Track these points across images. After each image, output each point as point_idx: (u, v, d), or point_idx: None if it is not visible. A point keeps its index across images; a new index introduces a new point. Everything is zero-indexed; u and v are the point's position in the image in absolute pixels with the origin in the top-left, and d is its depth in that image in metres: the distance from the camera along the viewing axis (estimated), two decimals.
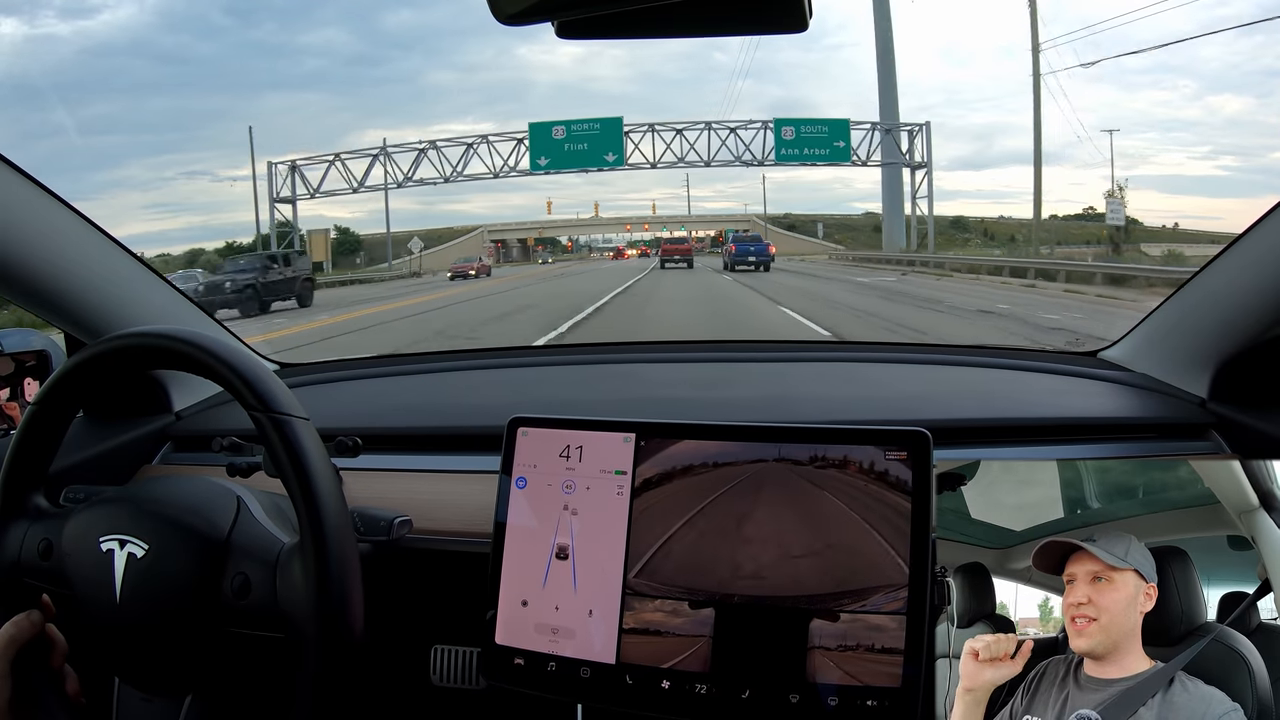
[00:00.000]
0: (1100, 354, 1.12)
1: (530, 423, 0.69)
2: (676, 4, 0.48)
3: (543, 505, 0.66)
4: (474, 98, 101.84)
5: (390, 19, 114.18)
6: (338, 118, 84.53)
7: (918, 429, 0.59)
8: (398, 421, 1.08)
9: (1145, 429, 0.92)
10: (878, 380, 1.17)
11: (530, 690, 0.64)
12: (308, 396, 0.76)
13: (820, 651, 0.57)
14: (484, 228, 48.69)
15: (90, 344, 0.71)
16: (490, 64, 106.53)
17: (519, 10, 0.47)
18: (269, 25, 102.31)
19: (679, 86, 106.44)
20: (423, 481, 0.93)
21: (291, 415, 0.66)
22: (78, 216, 0.92)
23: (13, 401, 1.06)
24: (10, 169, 0.83)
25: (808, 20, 0.48)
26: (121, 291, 1.00)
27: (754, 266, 20.29)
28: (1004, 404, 1.03)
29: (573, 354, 1.48)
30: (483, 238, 47.79)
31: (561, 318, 9.42)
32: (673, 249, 25.62)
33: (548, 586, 0.65)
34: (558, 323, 8.92)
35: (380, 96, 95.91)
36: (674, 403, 1.08)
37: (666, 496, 0.64)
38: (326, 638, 0.64)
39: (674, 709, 0.60)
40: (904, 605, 0.56)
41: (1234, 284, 0.87)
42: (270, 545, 0.70)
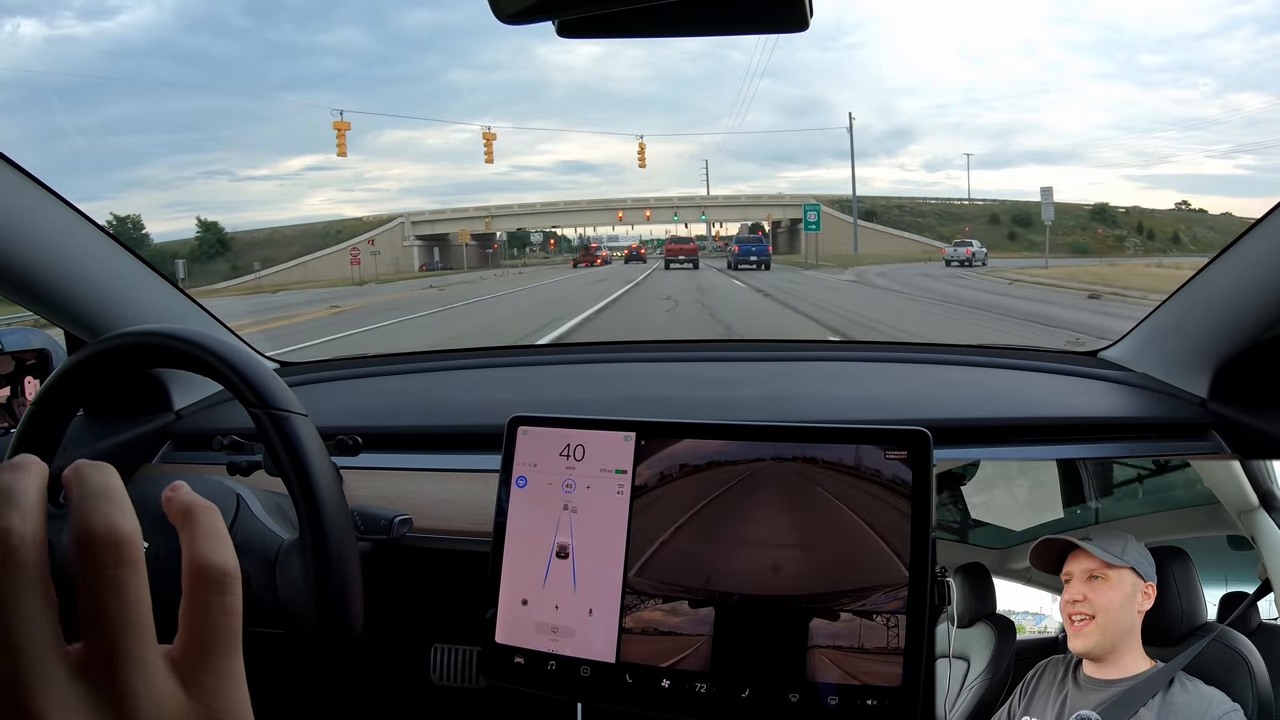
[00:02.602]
0: (1101, 354, 1.12)
1: (530, 421, 0.69)
2: (677, 3, 0.48)
3: (543, 504, 0.66)
4: (491, 96, 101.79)
5: (407, 19, 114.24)
6: (355, 117, 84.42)
7: (918, 429, 0.59)
8: (398, 420, 1.08)
9: (1145, 429, 0.92)
10: (878, 379, 1.17)
11: (530, 689, 0.64)
12: (308, 395, 0.76)
13: (820, 651, 0.57)
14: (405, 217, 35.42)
15: (90, 342, 0.71)
16: (508, 64, 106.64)
17: (519, 9, 0.47)
18: (287, 26, 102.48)
19: (696, 86, 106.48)
20: (423, 480, 0.93)
21: (291, 412, 0.66)
22: (78, 215, 0.92)
23: (13, 400, 1.06)
24: (10, 168, 0.83)
25: (808, 19, 0.47)
26: (121, 290, 1.00)
27: (755, 265, 22.04)
28: (1004, 404, 1.03)
29: (573, 353, 1.48)
30: (403, 231, 34.86)
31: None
32: (677, 249, 26.16)
33: (548, 585, 0.65)
34: None
35: (398, 96, 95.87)
36: (674, 402, 1.08)
37: (667, 495, 0.64)
38: (326, 635, 0.64)
39: (674, 708, 0.60)
40: (904, 605, 0.56)
41: (1234, 284, 0.87)
42: (270, 542, 0.70)
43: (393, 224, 35.56)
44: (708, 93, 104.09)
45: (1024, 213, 37.12)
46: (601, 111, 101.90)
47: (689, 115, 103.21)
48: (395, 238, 34.98)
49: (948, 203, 40.85)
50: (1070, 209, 37.37)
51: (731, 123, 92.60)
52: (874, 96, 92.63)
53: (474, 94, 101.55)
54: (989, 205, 40.20)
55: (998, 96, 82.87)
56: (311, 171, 79.79)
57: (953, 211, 40.41)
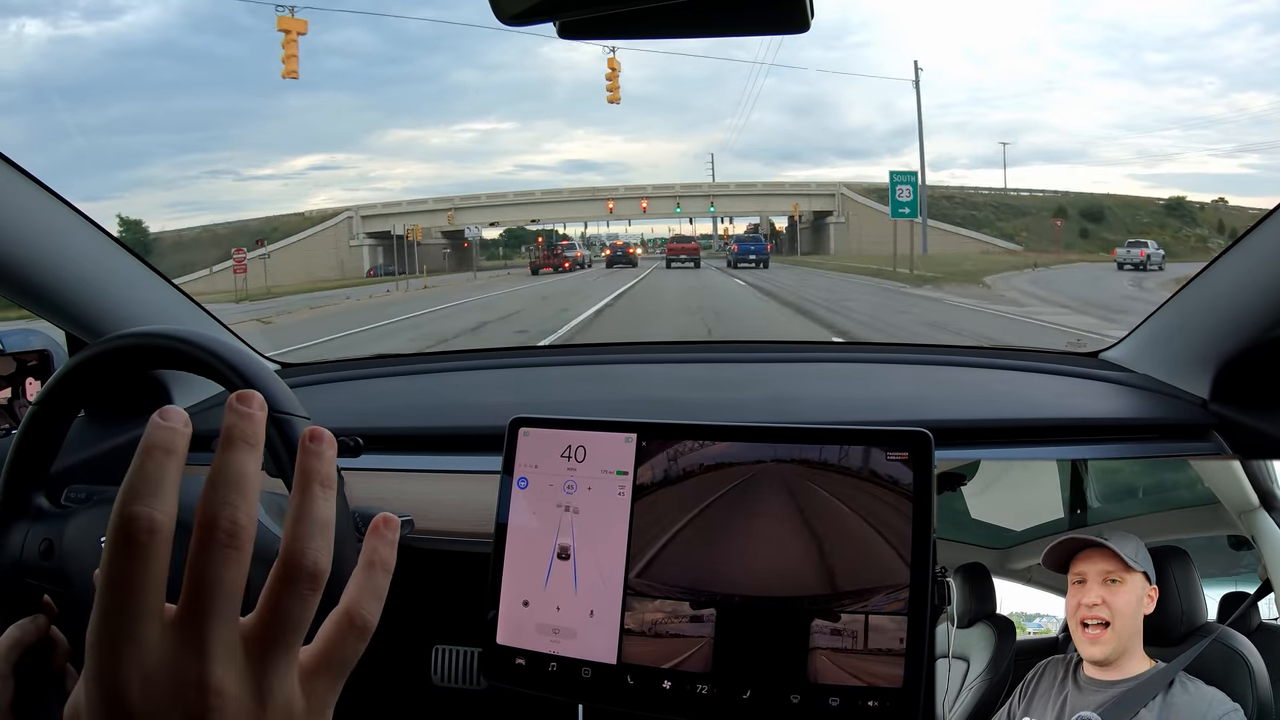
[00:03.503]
0: (1102, 354, 1.12)
1: (531, 423, 0.69)
2: (678, 4, 0.48)
3: (544, 505, 0.66)
4: (497, 96, 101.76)
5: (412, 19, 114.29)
6: (360, 117, 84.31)
7: (919, 430, 0.59)
8: (399, 421, 1.08)
9: (1146, 430, 0.92)
10: (879, 380, 1.17)
11: (531, 690, 0.64)
12: (309, 396, 0.76)
13: (821, 652, 0.57)
14: (354, 210, 28.53)
15: (92, 344, 0.71)
16: (513, 63, 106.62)
17: (521, 10, 0.47)
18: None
19: (699, 85, 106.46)
20: (424, 482, 0.93)
21: (292, 415, 0.66)
22: (78, 215, 0.92)
23: (14, 401, 1.06)
24: (11, 168, 0.84)
25: (809, 20, 0.47)
26: (122, 291, 1.00)
27: (754, 264, 22.18)
28: (1005, 404, 1.03)
29: (574, 354, 1.48)
30: (350, 228, 28.32)
31: None
32: (679, 248, 25.87)
33: (549, 587, 0.65)
34: None
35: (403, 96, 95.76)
36: (675, 403, 1.08)
37: (668, 497, 0.64)
38: None
39: (675, 709, 0.60)
40: (905, 606, 0.56)
41: (1235, 285, 0.87)
42: (271, 543, 0.70)
43: (338, 219, 28.58)
44: (711, 92, 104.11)
45: (1094, 207, 31.69)
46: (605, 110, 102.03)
47: (693, 114, 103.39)
48: (341, 236, 28.21)
49: (1002, 194, 33.07)
50: (1139, 203, 30.50)
51: (736, 121, 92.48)
52: (877, 95, 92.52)
53: (479, 94, 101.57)
54: (1051, 197, 32.59)
55: (1002, 95, 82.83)
56: (316, 171, 79.94)
57: (1010, 204, 32.67)
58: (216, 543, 0.28)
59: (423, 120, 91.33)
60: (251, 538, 0.28)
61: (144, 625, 0.27)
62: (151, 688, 0.26)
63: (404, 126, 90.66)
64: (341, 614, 0.32)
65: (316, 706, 0.30)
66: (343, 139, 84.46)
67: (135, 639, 0.26)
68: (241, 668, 0.28)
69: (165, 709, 0.26)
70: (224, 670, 0.27)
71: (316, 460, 0.32)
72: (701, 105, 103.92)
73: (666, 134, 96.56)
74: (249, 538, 0.28)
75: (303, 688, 0.30)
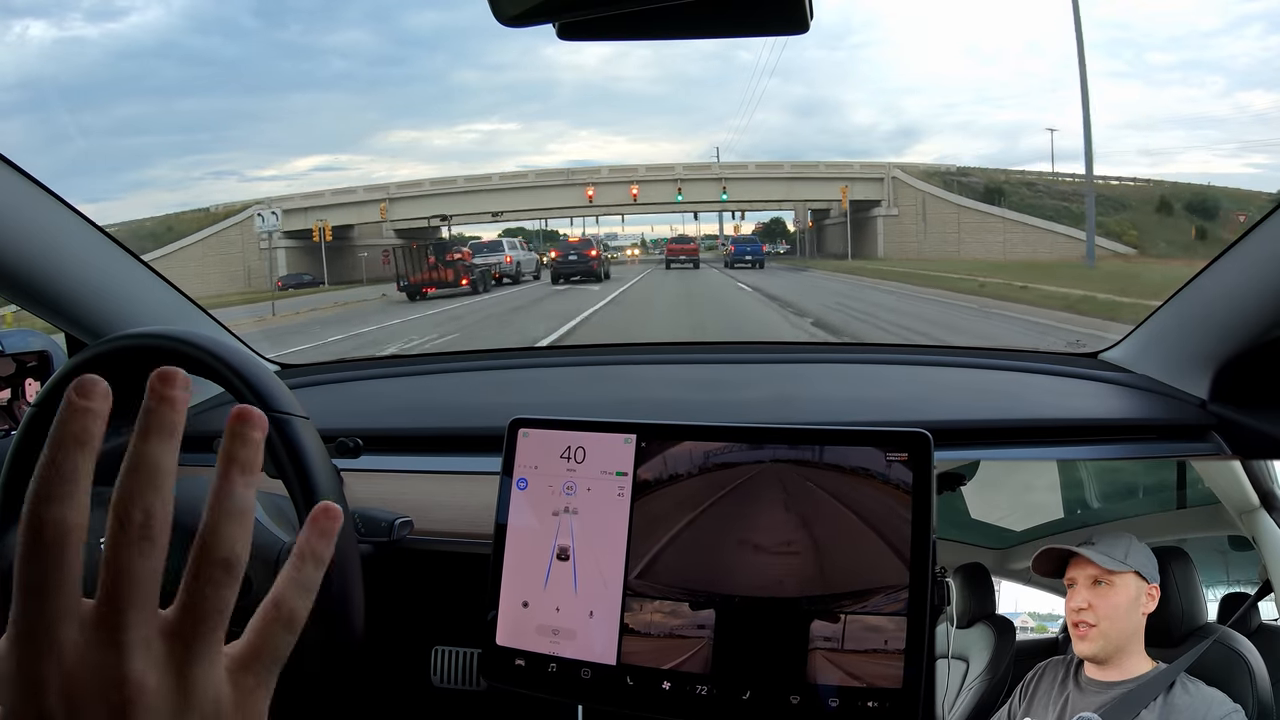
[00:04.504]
0: (1101, 355, 1.12)
1: (531, 424, 0.69)
2: (678, 6, 0.48)
3: (543, 506, 0.66)
4: (500, 97, 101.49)
5: (414, 19, 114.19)
6: (363, 117, 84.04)
7: (919, 430, 0.59)
8: (399, 422, 1.08)
9: (1146, 430, 0.92)
10: (878, 381, 1.17)
11: (531, 691, 0.64)
12: (309, 397, 0.76)
13: (821, 652, 0.57)
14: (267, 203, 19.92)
15: (91, 344, 0.71)
16: (516, 63, 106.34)
17: (520, 12, 0.47)
18: (295, 27, 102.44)
19: (703, 86, 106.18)
20: (424, 482, 0.93)
21: (292, 415, 0.66)
22: (78, 216, 0.92)
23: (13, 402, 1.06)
24: (11, 169, 0.84)
25: (809, 22, 0.48)
26: (122, 292, 1.00)
27: (750, 264, 22.10)
28: (1005, 405, 1.03)
29: (574, 355, 1.49)
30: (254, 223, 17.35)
31: None
32: (678, 249, 25.03)
33: (548, 588, 0.65)
34: None
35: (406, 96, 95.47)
36: (675, 404, 1.08)
37: (667, 498, 0.64)
38: (327, 638, 0.64)
39: (675, 710, 0.60)
40: (904, 606, 0.56)
41: (1234, 286, 0.87)
42: (270, 544, 0.70)
43: (244, 214, 21.36)
44: (715, 93, 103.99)
45: (1205, 200, 24.75)
46: (609, 111, 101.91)
47: (697, 116, 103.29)
48: (249, 236, 20.64)
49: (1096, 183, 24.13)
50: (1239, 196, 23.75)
51: (739, 122, 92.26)
52: (880, 96, 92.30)
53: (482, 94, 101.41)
54: (1150, 187, 25.82)
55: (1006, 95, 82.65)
56: (319, 172, 79.80)
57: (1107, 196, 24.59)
58: (129, 535, 0.28)
59: (425, 121, 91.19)
60: (167, 528, 0.28)
61: (61, 627, 0.26)
62: (73, 686, 0.26)
63: (407, 127, 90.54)
64: (269, 605, 0.31)
65: (246, 699, 0.30)
66: (346, 140, 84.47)
67: (53, 641, 0.26)
68: (162, 660, 0.28)
69: (88, 707, 0.26)
70: (144, 664, 0.27)
71: (240, 445, 0.30)
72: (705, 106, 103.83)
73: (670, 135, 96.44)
74: (163, 529, 0.28)
75: (231, 680, 0.30)
